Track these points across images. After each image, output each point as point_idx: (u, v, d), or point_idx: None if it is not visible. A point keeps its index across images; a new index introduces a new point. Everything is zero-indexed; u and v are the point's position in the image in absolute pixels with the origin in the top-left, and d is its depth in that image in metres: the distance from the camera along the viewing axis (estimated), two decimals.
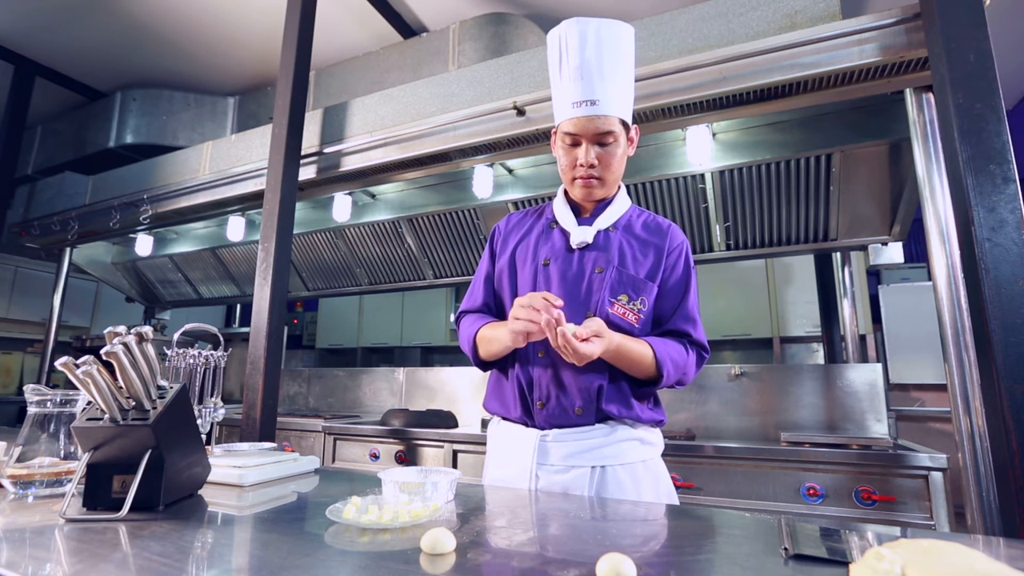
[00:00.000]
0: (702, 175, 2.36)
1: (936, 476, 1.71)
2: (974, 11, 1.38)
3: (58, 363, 0.80)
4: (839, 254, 3.02)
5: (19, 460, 0.94)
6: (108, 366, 0.81)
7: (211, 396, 1.36)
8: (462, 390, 3.13)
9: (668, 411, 2.27)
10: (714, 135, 2.28)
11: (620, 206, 1.23)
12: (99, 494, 0.84)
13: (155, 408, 0.85)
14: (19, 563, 0.61)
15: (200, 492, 0.99)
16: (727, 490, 1.94)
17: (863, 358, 3.70)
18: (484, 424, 2.47)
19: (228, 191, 2.89)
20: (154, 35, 3.53)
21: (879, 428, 2.24)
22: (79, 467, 0.83)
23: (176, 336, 1.37)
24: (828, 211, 2.35)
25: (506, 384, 1.20)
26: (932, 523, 1.69)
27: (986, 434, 1.33)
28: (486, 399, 1.27)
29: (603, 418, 1.12)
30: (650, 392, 1.18)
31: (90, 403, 0.87)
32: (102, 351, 0.80)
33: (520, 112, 2.11)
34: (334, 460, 2.73)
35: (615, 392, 1.12)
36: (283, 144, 2.31)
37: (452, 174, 2.79)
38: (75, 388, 0.86)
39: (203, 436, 1.20)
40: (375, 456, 2.60)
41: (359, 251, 3.38)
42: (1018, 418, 1.17)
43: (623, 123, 1.15)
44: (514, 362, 1.17)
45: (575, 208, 1.25)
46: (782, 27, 1.77)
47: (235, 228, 3.33)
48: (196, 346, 1.46)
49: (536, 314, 1.01)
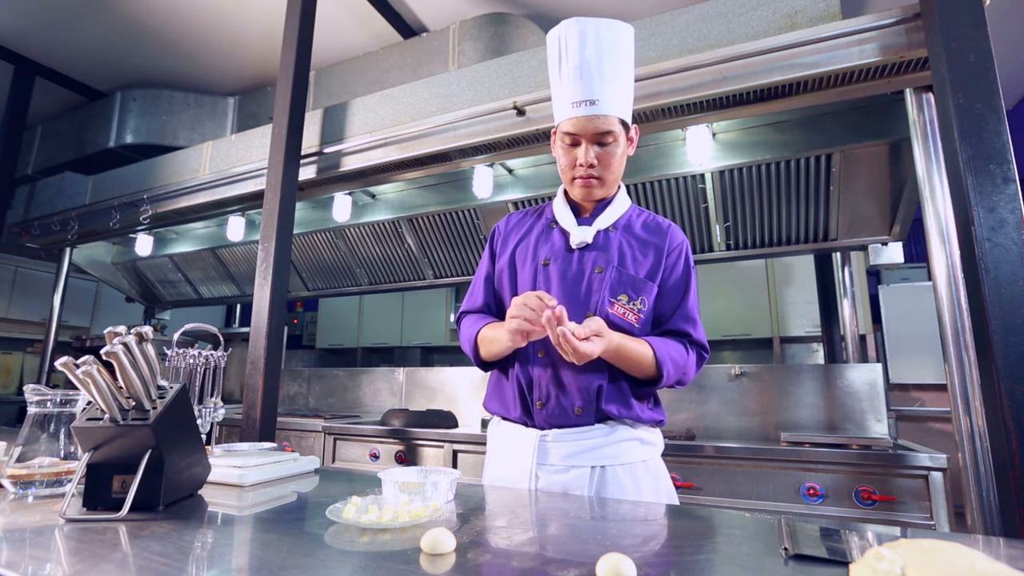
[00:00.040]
0: (702, 175, 2.36)
1: (936, 476, 1.71)
2: (974, 11, 1.38)
3: (58, 363, 0.80)
4: (839, 254, 3.02)
5: (19, 460, 0.94)
6: (108, 366, 0.81)
7: (211, 396, 1.36)
8: (462, 390, 3.13)
9: (668, 411, 2.27)
10: (714, 135, 2.28)
11: (620, 206, 1.23)
12: (99, 494, 0.84)
13: (155, 408, 0.85)
14: (19, 563, 0.61)
15: (200, 492, 0.99)
16: (727, 490, 1.94)
17: (863, 358, 3.70)
18: (484, 424, 2.47)
19: (228, 191, 2.89)
20: (154, 35, 3.53)
21: (879, 428, 2.24)
22: (79, 467, 0.83)
23: (176, 336, 1.37)
24: (828, 211, 2.35)
25: (506, 384, 1.20)
26: (932, 523, 1.69)
27: (986, 434, 1.33)
28: (486, 399, 1.26)
29: (603, 418, 1.12)
30: (650, 392, 1.18)
31: (90, 403, 0.87)
32: (102, 351, 0.80)
33: (520, 112, 2.11)
34: (334, 460, 2.73)
35: (615, 392, 1.12)
36: (283, 144, 2.31)
37: (452, 174, 2.79)
38: (75, 388, 0.86)
39: (203, 436, 1.20)
40: (375, 456, 2.60)
41: (359, 251, 3.38)
42: (1018, 418, 1.17)
43: (623, 123, 1.15)
44: (514, 362, 1.17)
45: (575, 208, 1.25)
46: (782, 27, 1.77)
47: (235, 228, 3.33)
48: (196, 346, 1.46)
49: (532, 313, 1.00)
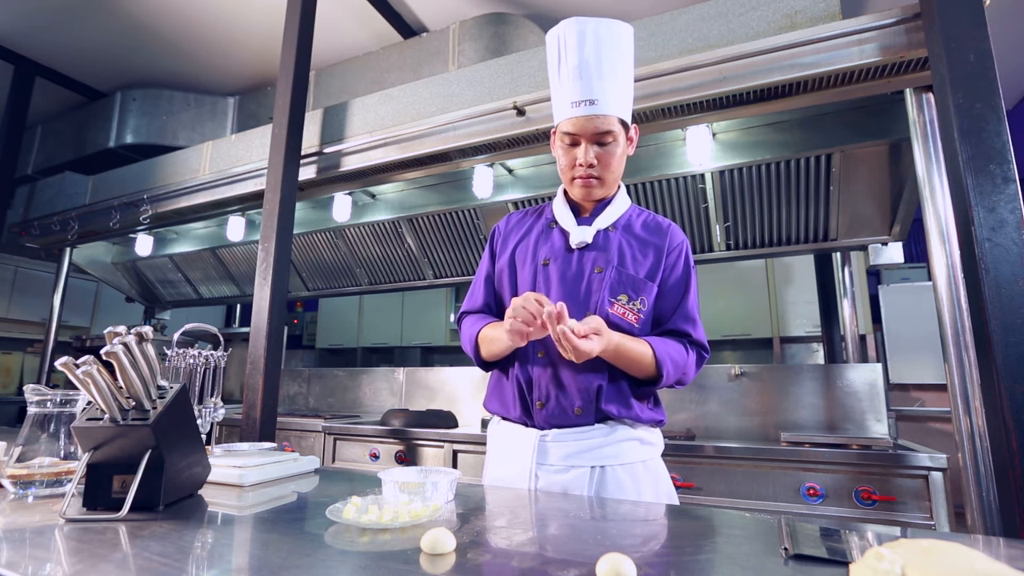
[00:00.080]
0: (702, 175, 2.36)
1: (936, 476, 1.71)
2: (974, 11, 1.38)
3: (58, 363, 0.80)
4: (839, 254, 3.02)
5: (19, 460, 0.94)
6: (108, 366, 0.81)
7: (211, 396, 1.36)
8: (462, 390, 3.13)
9: (668, 411, 2.27)
10: (714, 135, 2.28)
11: (620, 206, 1.23)
12: (99, 494, 0.84)
13: (155, 408, 0.85)
14: (19, 563, 0.61)
15: (200, 492, 0.99)
16: (727, 490, 1.94)
17: (863, 358, 3.70)
18: (484, 424, 2.47)
19: (228, 191, 2.89)
20: (154, 35, 3.53)
21: (879, 428, 2.24)
22: (79, 467, 0.83)
23: (176, 336, 1.37)
24: (828, 211, 2.35)
25: (506, 384, 1.20)
26: (932, 523, 1.69)
27: (986, 434, 1.33)
28: (486, 399, 1.26)
29: (603, 418, 1.12)
30: (650, 392, 1.18)
31: (90, 403, 0.87)
32: (102, 351, 0.80)
33: (520, 112, 2.11)
34: (334, 460, 2.73)
35: (614, 392, 1.12)
36: (283, 144, 2.31)
37: (452, 174, 2.79)
38: (75, 388, 0.86)
39: (203, 436, 1.20)
40: (375, 456, 2.60)
41: (359, 251, 3.38)
42: (1018, 418, 1.17)
43: (622, 122, 1.15)
44: (514, 362, 1.17)
45: (575, 208, 1.25)
46: (782, 27, 1.77)
47: (235, 228, 3.33)
48: (196, 346, 1.46)
49: (529, 315, 1.00)
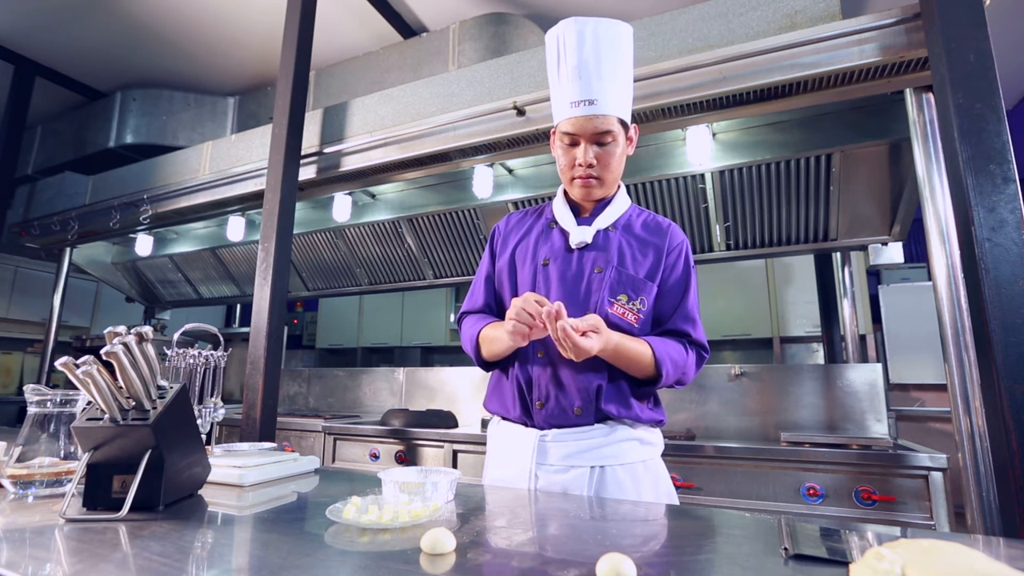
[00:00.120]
0: (702, 175, 2.36)
1: (936, 476, 1.71)
2: (974, 11, 1.38)
3: (58, 363, 0.80)
4: (839, 254, 3.02)
5: (19, 460, 0.94)
6: (108, 366, 0.81)
7: (211, 396, 1.36)
8: (462, 390, 3.13)
9: (668, 411, 2.27)
10: (714, 135, 2.28)
11: (620, 206, 1.23)
12: (99, 494, 0.84)
13: (155, 408, 0.85)
14: (19, 563, 0.61)
15: (200, 492, 0.99)
16: (727, 490, 1.94)
17: (863, 358, 3.70)
18: (484, 424, 2.47)
19: (228, 191, 2.89)
20: (154, 35, 3.53)
21: (879, 428, 2.24)
22: (79, 467, 0.83)
23: (176, 336, 1.37)
24: (828, 211, 2.35)
25: (506, 384, 1.20)
26: (932, 523, 1.69)
27: (986, 434, 1.33)
28: (486, 399, 1.26)
29: (602, 418, 1.12)
30: (649, 392, 1.18)
31: (90, 403, 0.87)
32: (102, 351, 0.80)
33: (520, 112, 2.11)
34: (334, 460, 2.73)
35: (614, 392, 1.12)
36: (283, 144, 2.31)
37: (452, 174, 2.79)
38: (75, 388, 0.86)
39: (203, 436, 1.20)
40: (375, 456, 2.60)
41: (359, 251, 3.38)
42: (1018, 418, 1.17)
43: (622, 122, 1.15)
44: (514, 362, 1.17)
45: (575, 208, 1.25)
46: (782, 27, 1.77)
47: (235, 228, 3.33)
48: (196, 346, 1.46)
49: (528, 316, 1.01)
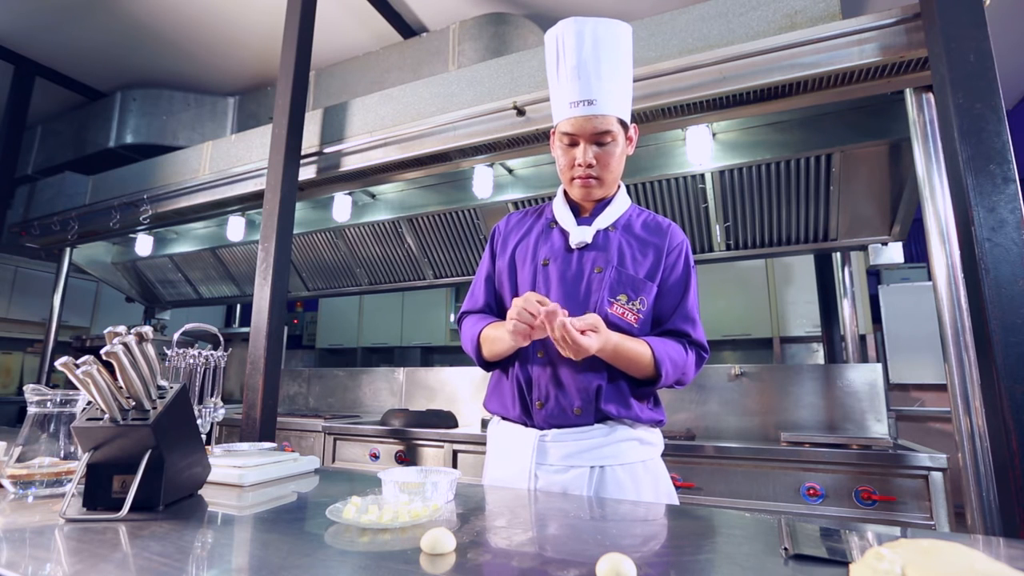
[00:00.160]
0: (702, 175, 2.36)
1: (936, 476, 1.71)
2: (974, 11, 1.38)
3: (58, 363, 0.80)
4: (839, 254, 3.02)
5: (19, 460, 0.94)
6: (108, 366, 0.81)
7: (211, 396, 1.36)
8: (462, 390, 3.13)
9: (668, 411, 2.27)
10: (714, 135, 2.28)
11: (620, 206, 1.23)
12: (99, 494, 0.84)
13: (155, 408, 0.85)
14: (19, 563, 0.61)
15: (200, 492, 0.99)
16: (727, 490, 1.94)
17: (863, 358, 3.70)
18: (484, 424, 2.47)
19: (228, 191, 2.89)
20: (154, 35, 3.53)
21: (879, 428, 2.24)
22: (79, 467, 0.83)
23: (176, 336, 1.37)
24: (828, 211, 2.35)
25: (506, 384, 1.20)
26: (932, 523, 1.69)
27: (986, 434, 1.33)
28: (486, 399, 1.26)
29: (602, 418, 1.12)
30: (649, 392, 1.18)
31: (90, 403, 0.87)
32: (102, 351, 0.80)
33: (520, 112, 2.11)
34: (334, 460, 2.73)
35: (614, 392, 1.12)
36: (283, 144, 2.31)
37: (452, 174, 2.79)
38: (75, 388, 0.86)
39: (203, 436, 1.20)
40: (375, 456, 2.60)
41: (359, 251, 3.38)
42: (1018, 418, 1.17)
43: (621, 122, 1.15)
44: (514, 362, 1.17)
45: (575, 208, 1.25)
46: (782, 27, 1.77)
47: (235, 228, 3.33)
48: (196, 346, 1.46)
49: (529, 316, 1.01)
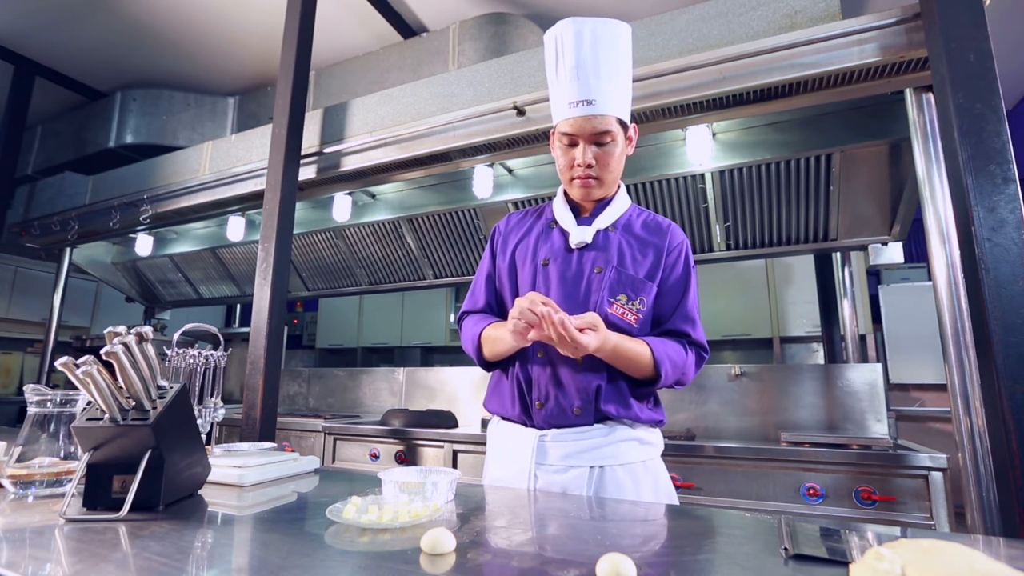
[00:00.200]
0: (702, 175, 2.36)
1: (936, 476, 1.71)
2: (974, 11, 1.38)
3: (58, 363, 0.80)
4: (839, 254, 3.02)
5: (19, 460, 0.94)
6: (108, 366, 0.81)
7: (211, 396, 1.36)
8: (462, 390, 3.13)
9: (668, 411, 2.27)
10: (714, 135, 2.28)
11: (620, 206, 1.23)
12: (99, 494, 0.84)
13: (155, 408, 0.85)
14: (19, 563, 0.61)
15: (200, 492, 0.99)
16: (727, 490, 1.94)
17: (863, 358, 3.70)
18: (484, 424, 2.47)
19: (228, 191, 2.89)
20: (154, 35, 3.53)
21: (879, 428, 2.24)
22: (79, 467, 0.83)
23: (176, 336, 1.37)
24: (828, 211, 2.35)
25: (505, 384, 1.20)
26: (932, 523, 1.69)
27: (986, 434, 1.33)
28: (486, 399, 1.26)
29: (602, 418, 1.12)
30: (649, 392, 1.18)
31: (90, 403, 0.87)
32: (102, 351, 0.80)
33: (520, 112, 2.11)
34: (334, 460, 2.73)
35: (613, 392, 1.12)
36: (283, 144, 2.31)
37: (452, 174, 2.79)
38: (75, 388, 0.86)
39: (203, 436, 1.20)
40: (375, 456, 2.60)
41: (359, 251, 3.38)
42: (1018, 418, 1.17)
43: (620, 122, 1.15)
44: (514, 361, 1.17)
45: (575, 208, 1.25)
46: (782, 27, 1.77)
47: (235, 228, 3.33)
48: (196, 346, 1.46)
49: (533, 316, 1.01)
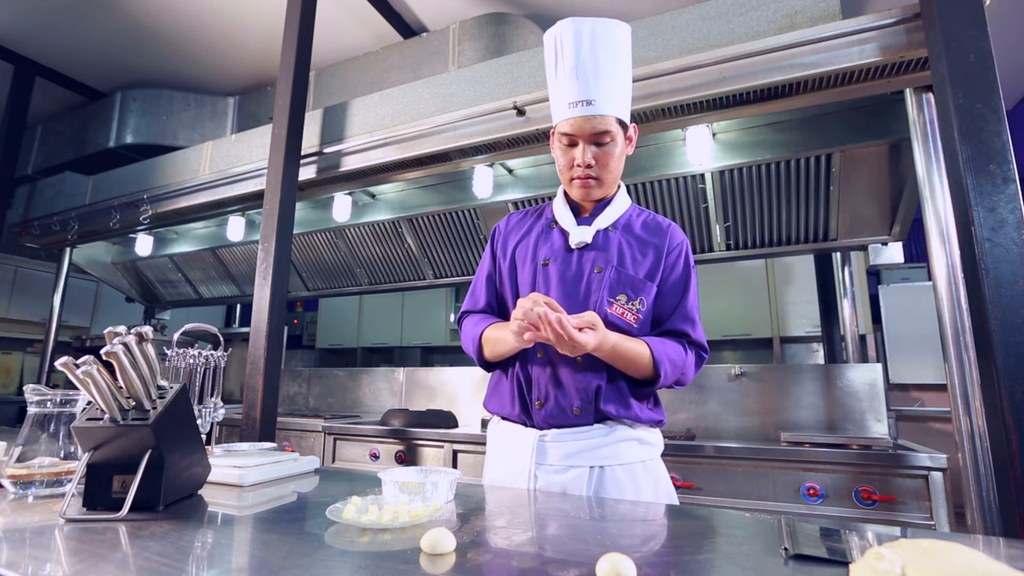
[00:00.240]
0: (702, 175, 2.36)
1: (936, 476, 1.71)
2: (974, 11, 1.38)
3: (58, 363, 0.80)
4: (839, 254, 3.02)
5: (19, 460, 0.94)
6: (108, 366, 0.81)
7: (211, 396, 1.36)
8: (462, 390, 3.13)
9: (668, 411, 2.27)
10: (714, 135, 2.28)
11: (620, 206, 1.23)
12: (99, 494, 0.84)
13: (155, 408, 0.85)
14: (19, 563, 0.61)
15: (200, 492, 0.99)
16: (727, 490, 1.94)
17: (863, 358, 3.70)
18: (484, 424, 2.47)
19: (228, 191, 2.89)
20: (154, 35, 3.53)
21: (879, 428, 2.24)
22: (79, 467, 0.83)
23: (176, 336, 1.37)
24: (828, 211, 2.35)
25: (505, 384, 1.20)
26: (932, 523, 1.69)
27: (986, 434, 1.33)
28: (486, 399, 1.26)
29: (601, 418, 1.12)
30: (649, 392, 1.18)
31: (90, 403, 0.87)
32: (102, 351, 0.80)
33: (520, 112, 2.11)
34: (334, 460, 2.73)
35: (613, 392, 1.12)
36: (283, 144, 2.31)
37: (452, 174, 2.79)
38: (75, 388, 0.86)
39: (203, 436, 1.20)
40: (375, 456, 2.60)
41: (359, 251, 3.38)
42: (1018, 418, 1.17)
43: (620, 122, 1.15)
44: (514, 361, 1.17)
45: (575, 208, 1.25)
46: (782, 27, 1.77)
47: (235, 228, 3.33)
48: (196, 346, 1.46)
49: (536, 316, 1.01)
